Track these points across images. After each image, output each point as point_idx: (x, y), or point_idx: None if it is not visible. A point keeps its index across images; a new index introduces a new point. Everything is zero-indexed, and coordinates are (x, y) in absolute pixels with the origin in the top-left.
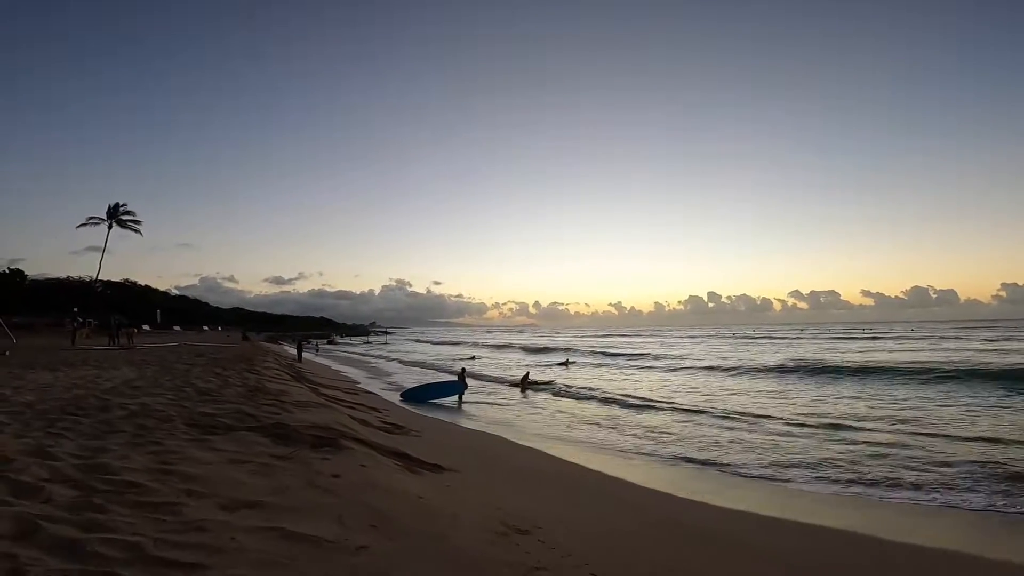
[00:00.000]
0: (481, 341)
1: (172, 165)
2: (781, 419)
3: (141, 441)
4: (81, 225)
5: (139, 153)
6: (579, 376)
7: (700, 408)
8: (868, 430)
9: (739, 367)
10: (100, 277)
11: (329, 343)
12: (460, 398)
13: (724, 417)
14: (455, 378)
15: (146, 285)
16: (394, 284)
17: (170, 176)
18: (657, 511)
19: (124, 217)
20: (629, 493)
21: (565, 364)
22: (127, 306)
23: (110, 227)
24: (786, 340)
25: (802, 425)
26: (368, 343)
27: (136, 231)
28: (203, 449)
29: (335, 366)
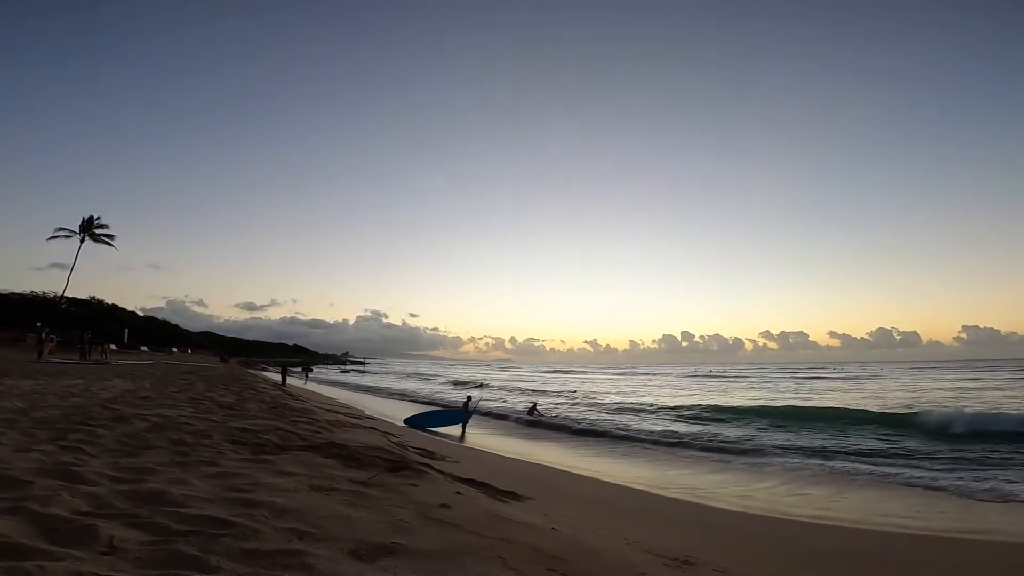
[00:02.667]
0: (431, 373)
1: (144, 183)
2: None
3: (188, 460)
4: (51, 238)
5: (108, 169)
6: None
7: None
8: None
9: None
10: (64, 294)
11: (305, 371)
12: (464, 427)
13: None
14: (460, 407)
15: (113, 304)
16: (369, 315)
17: (141, 194)
18: (774, 536)
19: (98, 231)
20: (722, 519)
21: (533, 409)
22: (93, 324)
23: (82, 240)
24: (738, 379)
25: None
26: (345, 371)
27: (110, 245)
28: (271, 473)
29: (324, 391)
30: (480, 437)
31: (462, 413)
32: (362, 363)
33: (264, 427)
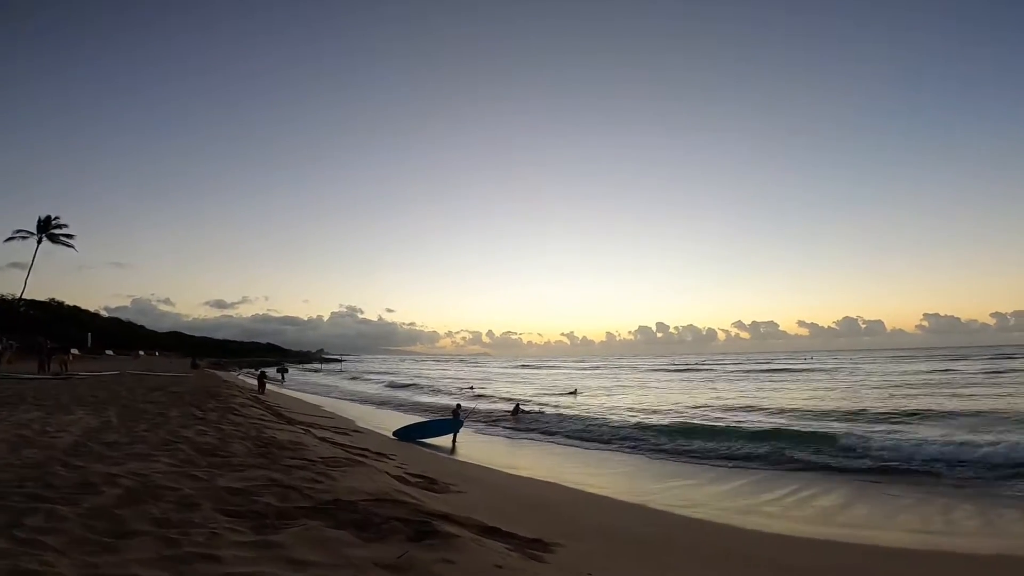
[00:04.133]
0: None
1: (104, 178)
2: None
3: (180, 551)
4: (8, 239)
5: (65, 164)
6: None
7: None
8: None
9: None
10: (23, 296)
11: (280, 372)
12: (455, 438)
13: None
14: (449, 417)
15: (74, 306)
16: (345, 310)
17: (101, 190)
18: None
19: (56, 231)
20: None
21: (573, 394)
22: (54, 327)
23: (39, 241)
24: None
25: None
26: (319, 371)
27: (70, 246)
28: (279, 562)
29: (304, 397)
30: (470, 447)
31: (452, 423)
32: (338, 361)
33: (257, 481)
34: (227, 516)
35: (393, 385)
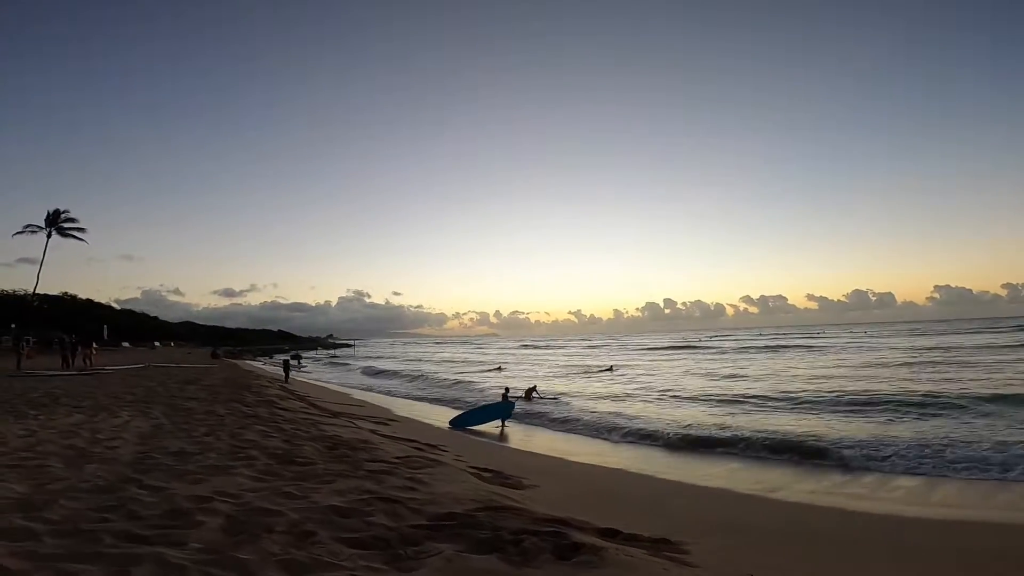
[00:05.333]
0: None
1: (113, 171)
2: None
3: None
4: (17, 233)
5: (74, 159)
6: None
7: None
8: None
9: None
10: (36, 291)
11: (295, 359)
12: (504, 424)
13: None
14: (499, 401)
15: (87, 299)
16: (352, 295)
17: (110, 183)
18: None
19: (65, 225)
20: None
21: (610, 370)
22: (68, 321)
23: (49, 235)
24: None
25: None
26: (335, 357)
27: (80, 239)
28: None
29: (331, 386)
30: (514, 432)
31: (504, 408)
32: (350, 345)
33: (354, 494)
34: (353, 547)
35: (370, 372)
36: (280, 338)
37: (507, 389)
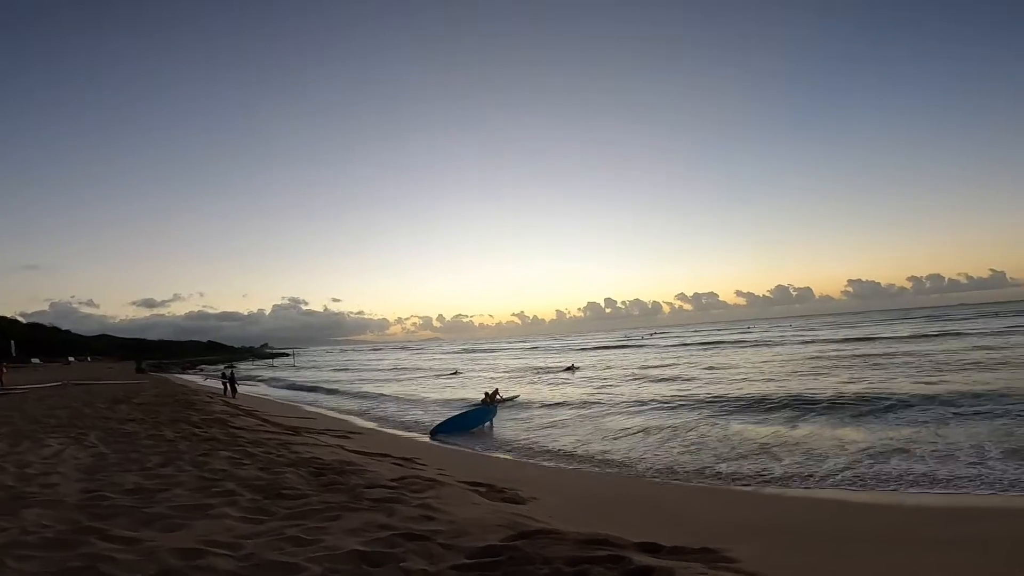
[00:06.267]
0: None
1: (10, 177)
2: None
3: None
4: None
5: None
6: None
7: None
8: None
9: None
10: None
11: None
12: (491, 427)
13: None
14: (480, 405)
15: None
16: (287, 302)
17: (9, 187)
18: None
19: None
20: None
21: (570, 369)
22: None
23: None
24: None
25: None
26: (274, 367)
27: None
28: None
29: (276, 398)
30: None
31: (486, 412)
32: (288, 355)
33: (371, 533)
34: None
35: (294, 387)
36: (209, 349)
37: (489, 393)
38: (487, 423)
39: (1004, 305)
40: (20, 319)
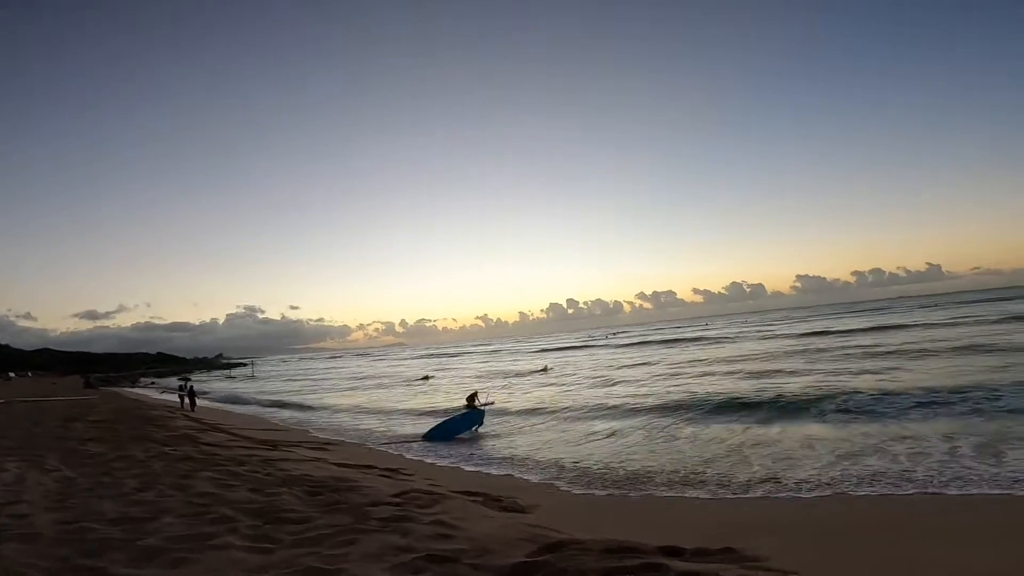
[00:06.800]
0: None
1: None
2: None
3: None
4: None
5: None
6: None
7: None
8: None
9: None
10: None
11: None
12: (477, 430)
13: None
14: (470, 410)
15: None
16: (243, 311)
17: None
18: None
19: None
20: None
21: (544, 370)
22: None
23: None
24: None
25: None
26: (232, 377)
27: None
28: None
29: (236, 410)
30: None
31: (475, 415)
32: (244, 365)
33: (391, 557)
34: None
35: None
36: (159, 361)
37: (474, 394)
38: (475, 427)
39: (941, 297)
40: None
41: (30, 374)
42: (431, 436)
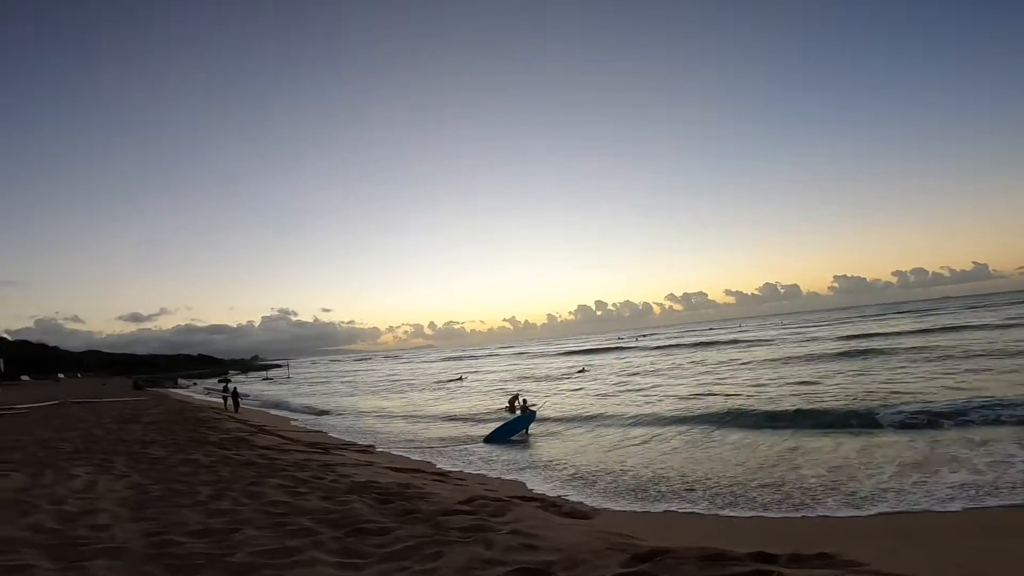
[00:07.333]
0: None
1: None
2: None
3: None
4: None
5: None
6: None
7: None
8: None
9: None
10: None
11: (224, 382)
12: (527, 433)
13: None
14: (521, 414)
15: None
16: (277, 314)
17: None
18: None
19: None
20: None
21: (582, 371)
22: None
23: None
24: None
25: None
26: (269, 379)
27: None
28: None
29: (273, 411)
30: (537, 449)
31: (527, 419)
32: (280, 366)
33: (483, 571)
34: None
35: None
36: (201, 362)
37: (515, 398)
38: (525, 429)
39: (989, 297)
40: (7, 336)
41: (79, 375)
42: (492, 439)
